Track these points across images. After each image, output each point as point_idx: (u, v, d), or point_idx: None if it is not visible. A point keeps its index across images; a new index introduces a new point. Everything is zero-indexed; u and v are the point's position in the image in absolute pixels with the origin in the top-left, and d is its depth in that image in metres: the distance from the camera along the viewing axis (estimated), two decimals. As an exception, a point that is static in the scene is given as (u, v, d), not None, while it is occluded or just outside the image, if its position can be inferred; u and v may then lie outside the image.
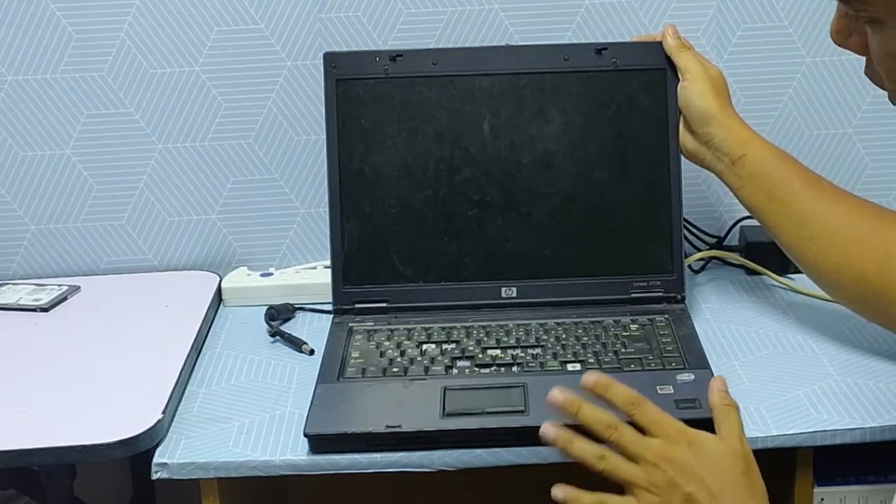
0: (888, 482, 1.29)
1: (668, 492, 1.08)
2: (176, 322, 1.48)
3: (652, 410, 1.12)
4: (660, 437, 1.10)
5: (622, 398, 1.12)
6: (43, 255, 1.66)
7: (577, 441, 1.11)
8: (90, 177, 1.64)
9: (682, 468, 1.08)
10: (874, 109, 1.64)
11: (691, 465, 1.09)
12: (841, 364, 1.35)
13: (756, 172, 1.36)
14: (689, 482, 1.08)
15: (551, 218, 1.47)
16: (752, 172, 1.36)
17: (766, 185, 1.36)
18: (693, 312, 1.46)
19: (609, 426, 1.11)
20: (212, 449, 1.23)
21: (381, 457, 1.21)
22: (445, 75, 1.47)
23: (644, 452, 1.09)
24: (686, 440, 1.10)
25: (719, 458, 1.10)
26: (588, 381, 1.13)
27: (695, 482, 1.08)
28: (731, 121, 1.40)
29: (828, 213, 1.33)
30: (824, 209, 1.33)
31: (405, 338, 1.40)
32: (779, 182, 1.35)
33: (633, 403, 1.12)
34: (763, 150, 1.37)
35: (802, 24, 1.62)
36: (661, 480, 1.08)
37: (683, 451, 1.10)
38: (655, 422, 1.11)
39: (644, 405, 1.12)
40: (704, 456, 1.10)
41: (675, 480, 1.08)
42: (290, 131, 1.63)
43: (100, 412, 1.27)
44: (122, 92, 1.61)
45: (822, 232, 1.33)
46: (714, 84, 1.42)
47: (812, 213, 1.34)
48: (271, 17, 1.60)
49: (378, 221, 1.47)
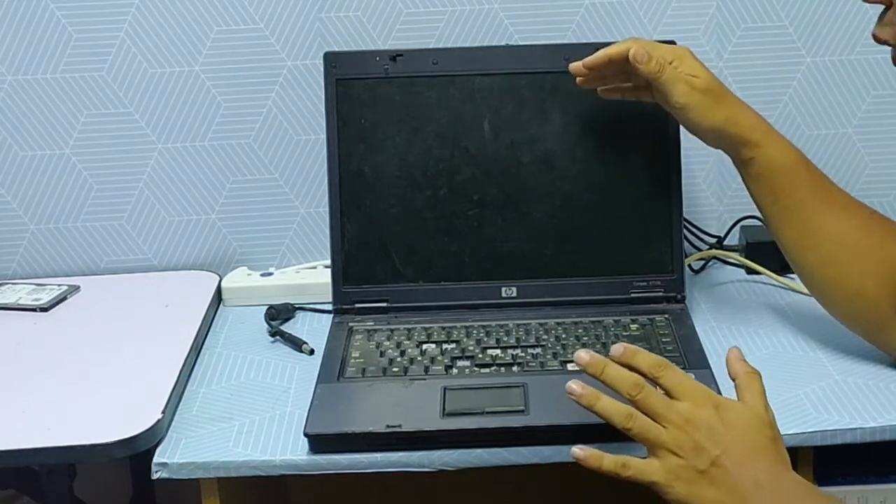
0: (888, 482, 1.29)
1: (695, 455, 1.07)
2: (176, 322, 1.48)
3: (678, 374, 1.11)
4: (686, 401, 1.09)
5: (648, 362, 1.11)
6: (42, 255, 1.66)
7: (604, 398, 1.10)
8: (90, 177, 1.64)
9: (709, 432, 1.07)
10: (874, 109, 1.64)
11: (719, 429, 1.08)
12: (841, 364, 1.35)
13: (764, 175, 1.32)
14: (717, 446, 1.07)
15: (551, 218, 1.47)
16: (759, 174, 1.33)
17: (772, 189, 1.33)
18: (693, 312, 1.46)
19: (635, 385, 1.09)
20: (212, 449, 1.23)
21: (381, 457, 1.21)
22: (445, 75, 1.47)
23: (670, 414, 1.08)
24: (713, 404, 1.09)
25: (747, 424, 1.09)
26: (616, 351, 1.12)
27: (722, 446, 1.07)
28: (737, 127, 1.32)
29: (833, 226, 1.31)
30: (830, 221, 1.31)
31: (405, 338, 1.40)
32: (786, 188, 1.32)
33: (659, 366, 1.11)
34: (774, 154, 1.32)
35: (802, 24, 1.62)
36: (687, 443, 1.07)
37: (711, 415, 1.08)
38: (681, 384, 1.10)
39: (670, 368, 1.11)
40: (732, 421, 1.08)
41: (701, 444, 1.07)
42: (289, 131, 1.63)
43: (100, 412, 1.27)
44: (122, 92, 1.61)
45: (824, 244, 1.32)
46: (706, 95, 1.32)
47: (816, 224, 1.32)
48: (271, 17, 1.60)
49: (378, 221, 1.47)
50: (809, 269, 1.35)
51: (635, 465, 1.08)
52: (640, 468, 1.08)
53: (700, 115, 1.32)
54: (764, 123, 1.33)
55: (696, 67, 1.33)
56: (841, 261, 1.31)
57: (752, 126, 1.33)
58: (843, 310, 1.34)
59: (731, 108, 1.33)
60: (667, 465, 1.07)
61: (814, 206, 1.32)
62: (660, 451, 1.08)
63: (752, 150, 1.32)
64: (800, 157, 1.33)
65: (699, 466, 1.07)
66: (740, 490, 1.06)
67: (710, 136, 1.34)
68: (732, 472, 1.06)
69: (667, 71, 1.31)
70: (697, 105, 1.31)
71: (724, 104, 1.32)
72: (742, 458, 1.07)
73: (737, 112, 1.33)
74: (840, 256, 1.31)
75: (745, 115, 1.33)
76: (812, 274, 1.35)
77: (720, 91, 1.33)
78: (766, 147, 1.32)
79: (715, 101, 1.32)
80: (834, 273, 1.32)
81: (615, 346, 1.12)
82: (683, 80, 1.31)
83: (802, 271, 1.36)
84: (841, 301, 1.34)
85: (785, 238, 1.35)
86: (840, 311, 1.35)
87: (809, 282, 1.37)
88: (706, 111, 1.31)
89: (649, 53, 1.31)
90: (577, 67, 1.37)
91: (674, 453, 1.07)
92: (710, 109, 1.31)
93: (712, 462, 1.06)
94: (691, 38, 1.60)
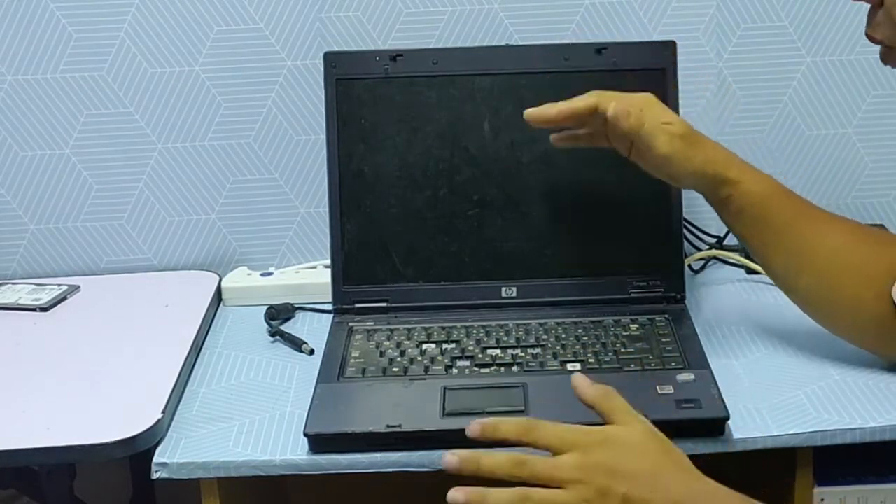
0: (888, 482, 1.29)
1: (603, 501, 1.01)
2: (176, 322, 1.48)
3: (549, 429, 1.05)
4: (572, 451, 1.03)
5: (513, 430, 1.06)
6: (42, 255, 1.66)
7: (491, 494, 1.04)
8: (90, 176, 1.64)
9: (607, 471, 1.02)
10: (874, 109, 1.64)
11: (615, 464, 1.02)
12: (841, 364, 1.35)
13: (744, 210, 1.31)
14: (622, 482, 1.02)
15: (551, 218, 1.47)
16: (740, 210, 1.31)
17: (754, 220, 1.31)
18: (693, 312, 1.46)
19: (516, 465, 1.04)
20: (212, 449, 1.23)
21: (381, 457, 1.21)
22: (445, 75, 1.47)
23: (563, 474, 1.02)
24: (598, 442, 1.04)
25: (639, 446, 1.04)
26: (474, 432, 1.07)
27: (627, 480, 1.02)
28: (713, 168, 1.30)
29: (821, 244, 1.30)
30: (817, 240, 1.30)
31: (405, 338, 1.40)
32: (768, 217, 1.31)
33: (525, 430, 1.05)
34: (750, 187, 1.30)
35: (802, 24, 1.62)
36: (591, 494, 1.01)
37: (601, 454, 1.03)
38: (558, 437, 1.04)
39: (537, 427, 1.05)
40: (624, 450, 1.04)
41: (605, 486, 1.01)
42: (289, 131, 1.63)
43: (100, 412, 1.27)
44: (122, 92, 1.61)
45: (815, 263, 1.30)
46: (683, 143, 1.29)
47: (804, 246, 1.31)
48: (271, 17, 1.60)
49: (378, 221, 1.47)
50: (804, 291, 1.34)
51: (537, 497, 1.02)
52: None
53: (681, 162, 1.30)
54: (735, 158, 1.32)
55: (666, 114, 1.31)
56: (834, 276, 1.30)
57: (727, 163, 1.31)
58: (844, 325, 1.33)
59: (706, 149, 1.31)
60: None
61: (798, 228, 1.31)
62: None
63: (729, 187, 1.31)
64: (774, 184, 1.32)
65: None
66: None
67: (689, 181, 1.32)
68: (648, 500, 1.02)
69: (646, 123, 1.29)
70: (678, 152, 1.29)
71: (697, 149, 1.30)
72: (651, 483, 1.02)
73: (711, 152, 1.31)
74: (833, 272, 1.30)
75: (719, 153, 1.32)
76: (808, 295, 1.34)
77: (693, 135, 1.31)
78: (742, 183, 1.31)
79: (691, 145, 1.30)
80: (829, 290, 1.31)
81: (471, 427, 1.06)
82: (662, 130, 1.29)
83: (798, 295, 1.35)
84: (840, 316, 1.33)
85: (775, 266, 1.34)
86: (840, 327, 1.34)
87: (806, 304, 1.35)
88: (686, 157, 1.29)
89: (627, 109, 1.28)
90: (535, 116, 1.33)
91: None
92: (686, 158, 1.30)
93: (622, 499, 1.01)
94: (691, 38, 1.60)
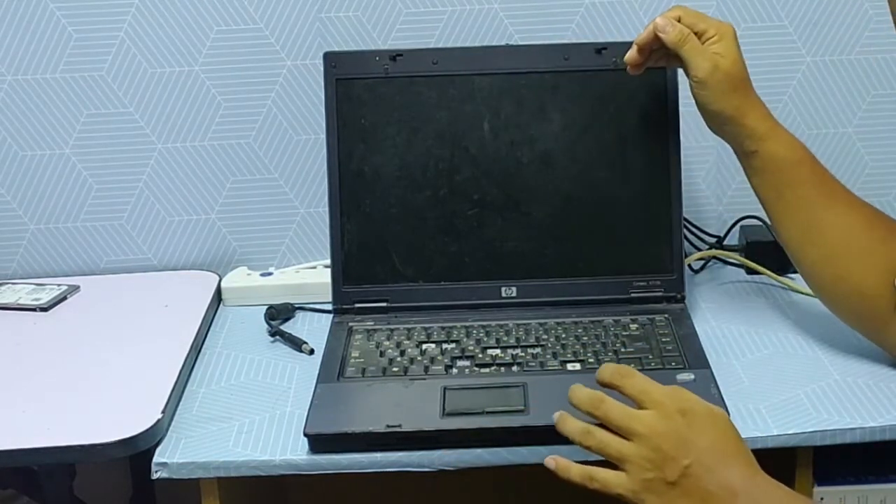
0: (888, 482, 1.29)
1: (664, 466, 1.03)
2: (176, 322, 1.48)
3: (641, 381, 1.08)
4: (652, 409, 1.06)
5: (609, 372, 1.09)
6: (42, 255, 1.66)
7: (569, 419, 1.08)
8: (90, 176, 1.64)
9: (677, 440, 1.04)
10: (874, 109, 1.64)
11: (687, 436, 1.04)
12: (841, 364, 1.35)
13: (767, 169, 1.32)
14: (686, 455, 1.03)
15: (551, 218, 1.47)
16: (762, 168, 1.32)
17: (775, 183, 1.32)
18: (693, 312, 1.46)
19: (595, 401, 1.07)
20: (212, 449, 1.23)
21: (381, 457, 1.21)
22: (445, 75, 1.47)
23: (635, 426, 1.05)
24: (679, 411, 1.05)
25: (715, 429, 1.06)
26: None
27: (692, 455, 1.03)
28: (746, 118, 1.32)
29: (835, 222, 1.31)
30: (832, 217, 1.31)
31: (405, 337, 1.40)
32: (789, 183, 1.32)
33: (621, 375, 1.08)
34: (778, 149, 1.32)
35: (802, 23, 1.62)
36: (655, 454, 1.03)
37: (678, 423, 1.05)
38: (645, 392, 1.07)
39: (632, 377, 1.08)
40: (701, 427, 1.05)
41: (669, 453, 1.03)
42: (289, 131, 1.63)
43: (99, 412, 1.27)
44: (122, 92, 1.61)
45: (826, 241, 1.31)
46: (727, 79, 1.31)
47: (819, 221, 1.31)
48: (271, 17, 1.60)
49: (378, 221, 1.47)
50: (810, 265, 1.35)
51: (602, 477, 1.06)
52: (607, 481, 1.06)
53: (713, 95, 1.31)
54: (771, 119, 1.33)
55: (729, 49, 1.32)
56: (842, 257, 1.31)
57: (759, 119, 1.32)
58: (844, 306, 1.34)
59: (745, 99, 1.32)
60: (634, 477, 1.04)
61: (817, 202, 1.31)
62: (626, 465, 1.05)
63: (755, 142, 1.32)
64: (804, 154, 1.33)
65: (669, 477, 1.03)
66: (714, 498, 1.03)
67: (716, 121, 1.34)
68: (705, 481, 1.03)
69: (689, 42, 1.31)
70: (713, 85, 1.31)
71: (739, 93, 1.32)
72: (714, 465, 1.04)
73: (749, 104, 1.32)
74: (841, 253, 1.31)
75: (756, 108, 1.33)
76: (813, 269, 1.35)
77: (741, 80, 1.32)
78: (770, 141, 1.32)
79: (732, 87, 1.31)
80: (835, 269, 1.32)
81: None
82: (708, 57, 1.31)
83: (803, 267, 1.36)
84: (841, 297, 1.34)
85: (786, 233, 1.35)
86: (840, 307, 1.35)
87: (810, 277, 1.36)
88: (719, 94, 1.31)
89: (671, 23, 1.32)
90: (631, 57, 1.36)
91: (641, 465, 1.04)
92: (724, 94, 1.31)
93: (682, 472, 1.03)
94: (691, 38, 1.60)
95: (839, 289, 1.33)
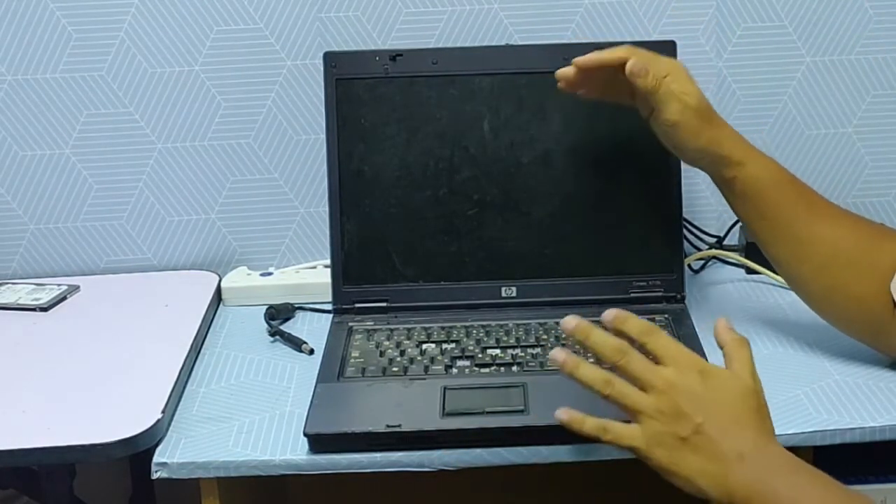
0: (888, 482, 1.29)
1: (676, 421, 1.05)
2: (175, 322, 1.48)
3: (665, 339, 1.10)
4: (672, 366, 1.08)
5: (637, 328, 1.10)
6: (42, 255, 1.66)
7: (584, 366, 1.09)
8: (90, 176, 1.64)
9: (692, 398, 1.06)
10: (874, 109, 1.64)
11: (703, 395, 1.06)
12: (841, 364, 1.35)
13: (748, 193, 1.32)
14: (700, 412, 1.05)
15: (551, 218, 1.47)
16: (743, 192, 1.32)
17: (758, 205, 1.32)
18: (693, 312, 1.46)
19: (618, 351, 1.08)
20: (212, 449, 1.23)
21: (381, 456, 1.21)
22: (445, 75, 1.47)
23: (653, 379, 1.07)
24: (698, 370, 1.08)
25: (732, 393, 1.08)
26: (608, 316, 1.11)
27: (705, 413, 1.05)
28: (721, 148, 1.31)
29: (823, 235, 1.31)
30: (819, 231, 1.31)
31: (405, 337, 1.40)
32: (771, 203, 1.31)
33: (646, 332, 1.10)
34: (756, 171, 1.31)
35: (802, 24, 1.62)
36: (669, 409, 1.06)
37: (695, 381, 1.07)
38: (667, 349, 1.09)
39: (657, 334, 1.10)
40: (717, 388, 1.07)
41: (683, 410, 1.06)
42: (289, 131, 1.63)
43: (100, 412, 1.27)
44: (122, 92, 1.61)
45: (817, 254, 1.31)
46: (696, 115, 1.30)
47: (806, 236, 1.31)
48: (271, 16, 1.60)
49: (378, 221, 1.47)
50: (804, 281, 1.34)
51: (615, 429, 1.08)
52: (620, 433, 1.08)
53: (688, 134, 1.30)
54: (745, 143, 1.33)
55: (688, 85, 1.31)
56: (833, 268, 1.31)
57: (734, 146, 1.31)
58: (840, 316, 1.34)
59: (717, 129, 1.31)
60: (647, 430, 1.06)
61: (801, 218, 1.31)
62: (640, 417, 1.07)
63: (733, 169, 1.31)
64: (782, 173, 1.33)
65: (681, 433, 1.05)
66: (723, 459, 1.05)
67: (693, 156, 1.33)
68: (716, 441, 1.05)
69: (662, 87, 1.29)
70: (687, 124, 1.30)
71: (711, 125, 1.31)
72: (726, 427, 1.06)
73: (722, 133, 1.32)
74: (834, 263, 1.31)
75: (729, 135, 1.32)
76: (807, 285, 1.35)
77: (708, 111, 1.31)
78: (748, 165, 1.31)
79: (703, 121, 1.30)
80: (829, 281, 1.31)
81: (607, 312, 1.12)
82: (677, 98, 1.29)
83: (797, 283, 1.36)
84: (837, 308, 1.33)
85: (776, 253, 1.35)
86: (837, 318, 1.35)
87: (806, 293, 1.36)
88: (694, 131, 1.30)
89: (646, 67, 1.29)
90: (564, 71, 1.33)
91: (654, 418, 1.06)
92: (698, 129, 1.30)
93: (694, 429, 1.05)
94: (691, 38, 1.60)
95: (833, 299, 1.32)
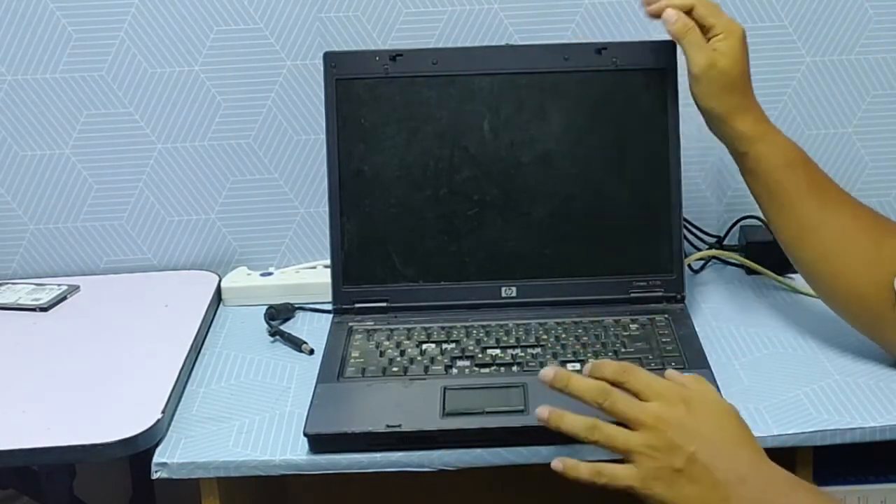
0: (888, 482, 1.29)
1: (670, 454, 1.06)
2: (175, 322, 1.48)
3: (644, 375, 1.10)
4: (656, 401, 1.08)
5: (611, 370, 1.11)
6: (42, 255, 1.66)
7: (568, 416, 1.09)
8: (90, 176, 1.64)
9: (682, 429, 1.06)
10: (874, 109, 1.64)
11: (691, 424, 1.07)
12: (841, 364, 1.35)
13: (758, 171, 1.33)
14: (691, 442, 1.06)
15: (551, 218, 1.47)
16: (753, 170, 1.33)
17: (767, 184, 1.33)
18: (693, 312, 1.46)
19: (601, 393, 1.09)
20: (212, 449, 1.23)
21: (381, 457, 1.21)
22: (445, 75, 1.47)
23: (641, 416, 1.07)
24: (681, 399, 1.09)
25: (717, 416, 1.09)
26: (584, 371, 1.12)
27: (696, 442, 1.06)
28: (737, 120, 1.32)
29: (830, 223, 1.31)
30: (827, 218, 1.31)
31: (405, 337, 1.40)
32: (781, 185, 1.32)
33: (623, 371, 1.11)
34: (768, 151, 1.32)
35: (802, 24, 1.62)
36: (661, 443, 1.06)
37: (682, 412, 1.07)
38: (648, 385, 1.09)
39: (635, 372, 1.11)
40: (702, 415, 1.08)
41: (675, 441, 1.06)
42: (289, 131, 1.63)
43: (99, 412, 1.27)
44: (122, 92, 1.61)
45: (822, 241, 1.32)
46: (721, 78, 1.31)
47: (814, 221, 1.32)
48: (271, 16, 1.60)
49: (378, 221, 1.47)
50: (807, 264, 1.35)
51: (609, 471, 1.07)
52: (614, 474, 1.07)
53: (707, 92, 1.32)
54: (767, 123, 1.34)
55: (732, 48, 1.31)
56: (838, 257, 1.31)
57: (752, 122, 1.33)
58: (841, 304, 1.35)
59: (740, 100, 1.32)
60: (642, 468, 1.06)
61: (810, 203, 1.32)
62: (633, 456, 1.07)
63: (746, 144, 1.33)
64: (797, 156, 1.33)
65: (675, 465, 1.05)
66: (723, 485, 1.05)
67: (709, 118, 1.34)
68: (712, 468, 1.05)
69: (689, 35, 1.31)
70: (707, 81, 1.31)
71: (734, 94, 1.32)
72: (720, 453, 1.06)
73: (743, 106, 1.33)
74: (838, 252, 1.31)
75: (751, 111, 1.33)
76: (810, 269, 1.35)
77: (738, 81, 1.32)
78: (761, 143, 1.32)
79: (727, 87, 1.31)
80: (831, 268, 1.32)
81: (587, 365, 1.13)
82: (707, 53, 1.31)
83: (800, 265, 1.37)
84: (839, 296, 1.34)
85: (782, 233, 1.36)
86: (837, 305, 1.36)
87: (807, 276, 1.37)
88: (714, 92, 1.32)
89: (679, 14, 1.31)
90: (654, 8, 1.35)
91: (648, 455, 1.06)
92: (717, 92, 1.31)
93: (688, 459, 1.05)
94: (691, 38, 1.59)
95: (836, 287, 1.33)
